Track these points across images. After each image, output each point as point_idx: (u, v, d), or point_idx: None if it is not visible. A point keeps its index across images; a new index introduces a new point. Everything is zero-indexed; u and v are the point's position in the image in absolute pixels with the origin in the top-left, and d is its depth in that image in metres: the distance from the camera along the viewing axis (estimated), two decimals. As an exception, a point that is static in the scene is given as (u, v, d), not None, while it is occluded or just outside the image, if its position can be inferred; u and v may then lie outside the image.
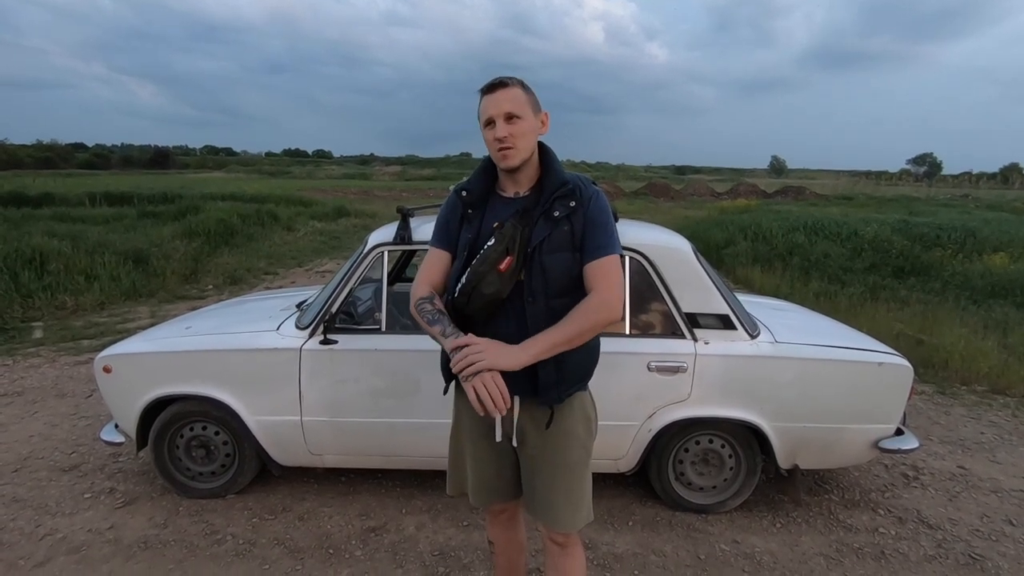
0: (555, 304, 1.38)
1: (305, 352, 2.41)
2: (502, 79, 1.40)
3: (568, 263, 1.39)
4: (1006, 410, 3.83)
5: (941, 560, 2.31)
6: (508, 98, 1.38)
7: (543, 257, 1.38)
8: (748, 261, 8.42)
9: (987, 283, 6.78)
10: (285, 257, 9.50)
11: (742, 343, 2.37)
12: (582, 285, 1.40)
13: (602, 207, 1.43)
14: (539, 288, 1.38)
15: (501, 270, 1.35)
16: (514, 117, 1.37)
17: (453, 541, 2.38)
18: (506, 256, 1.36)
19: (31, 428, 3.32)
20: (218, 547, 2.32)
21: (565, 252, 1.39)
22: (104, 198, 13.30)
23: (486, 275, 1.35)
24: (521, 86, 1.41)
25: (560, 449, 1.46)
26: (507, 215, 1.42)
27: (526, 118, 1.38)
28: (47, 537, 2.36)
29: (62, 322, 5.48)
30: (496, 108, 1.37)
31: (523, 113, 1.38)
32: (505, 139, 1.37)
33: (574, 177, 1.44)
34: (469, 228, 1.46)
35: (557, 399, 1.42)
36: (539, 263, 1.38)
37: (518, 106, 1.38)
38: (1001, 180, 50.52)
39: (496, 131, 1.37)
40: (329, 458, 2.56)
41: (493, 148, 1.41)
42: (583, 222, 1.40)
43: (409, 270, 3.54)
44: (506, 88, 1.39)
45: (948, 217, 12.73)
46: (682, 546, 2.36)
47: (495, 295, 1.36)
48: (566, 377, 1.41)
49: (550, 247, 1.38)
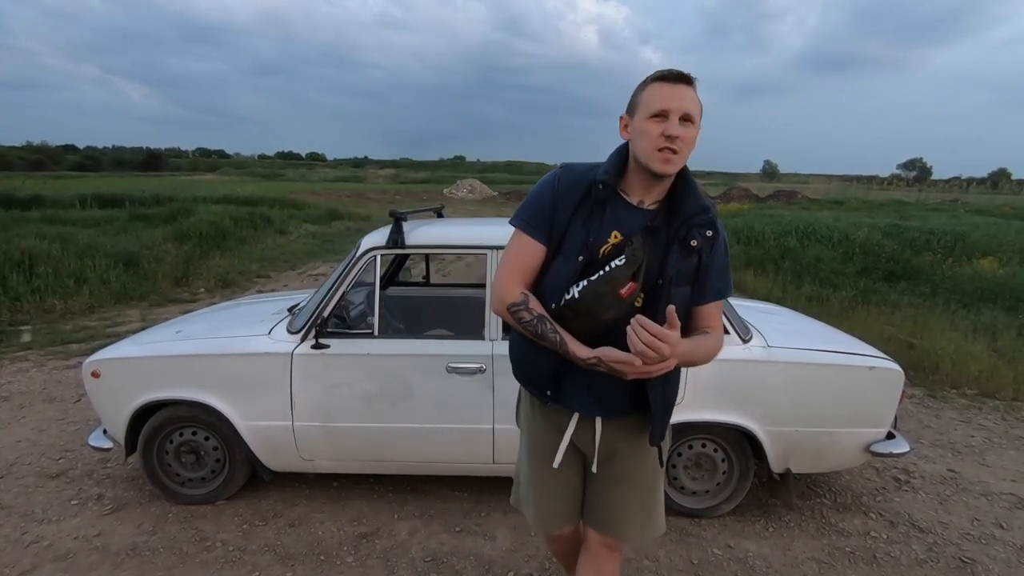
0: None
1: (297, 356, 2.39)
2: (686, 73, 1.20)
3: (687, 297, 1.28)
4: (996, 413, 3.87)
5: (932, 563, 2.32)
6: (691, 97, 1.19)
7: (672, 289, 1.24)
8: (741, 265, 8.46)
9: (977, 287, 6.85)
10: (277, 260, 9.45)
11: (734, 347, 2.38)
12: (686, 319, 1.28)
13: (726, 245, 1.32)
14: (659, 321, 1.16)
15: (622, 295, 1.20)
16: (689, 120, 1.19)
17: (446, 547, 2.37)
18: (631, 281, 1.21)
19: (18, 433, 3.28)
20: (208, 554, 2.30)
21: (687, 286, 1.27)
22: (95, 200, 13.17)
23: (606, 297, 1.19)
24: (694, 87, 1.22)
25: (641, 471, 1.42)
26: (631, 226, 1.25)
27: (696, 125, 1.22)
28: (33, 544, 2.33)
29: (51, 326, 5.42)
30: (677, 102, 1.18)
31: (697, 120, 1.21)
32: (675, 140, 1.18)
33: (713, 204, 1.29)
34: (587, 227, 1.25)
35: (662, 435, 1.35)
36: (667, 295, 1.23)
37: (696, 110, 1.20)
38: (990, 185, 51.10)
39: (669, 127, 1.17)
40: (321, 463, 2.54)
41: (654, 144, 1.19)
42: (711, 257, 1.27)
43: (402, 274, 3.53)
44: (690, 86, 1.20)
45: (938, 221, 12.84)
46: (675, 551, 2.36)
47: (611, 322, 1.20)
48: (669, 404, 1.33)
49: (679, 279, 1.25)
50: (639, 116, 1.22)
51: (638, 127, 1.22)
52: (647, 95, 1.21)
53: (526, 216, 1.31)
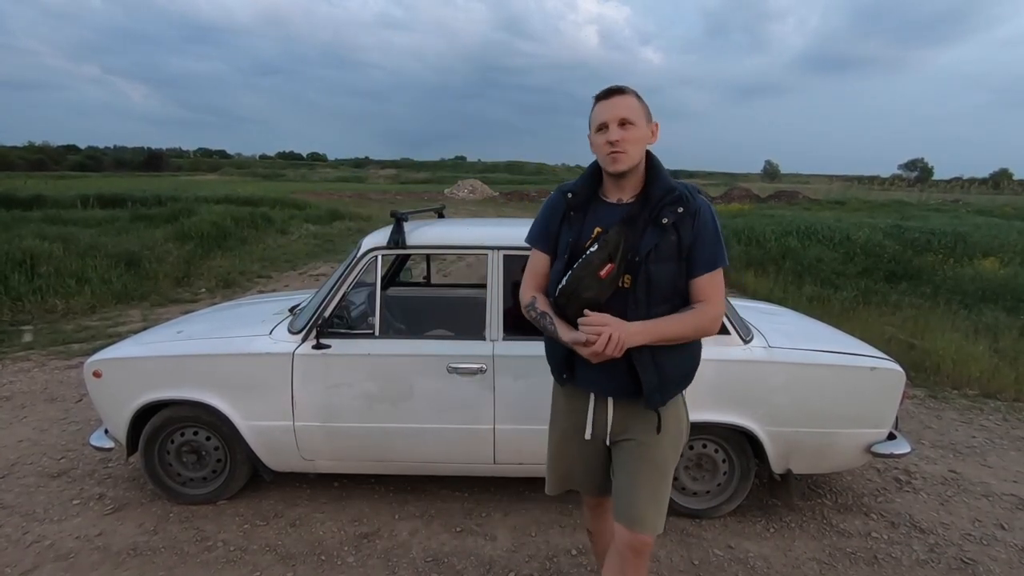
0: (656, 312, 1.41)
1: (298, 357, 2.40)
2: (619, 86, 1.43)
3: (673, 273, 1.41)
4: (997, 414, 3.86)
5: (933, 564, 2.32)
6: (624, 104, 1.41)
7: (651, 266, 1.39)
8: (742, 265, 8.46)
9: (978, 287, 6.83)
10: (279, 260, 9.46)
11: (735, 347, 2.38)
12: (682, 293, 1.43)
13: (711, 217, 1.43)
14: (643, 296, 1.40)
15: (601, 276, 1.38)
16: (628, 123, 1.40)
17: (446, 547, 2.37)
18: (608, 263, 1.39)
19: (20, 433, 3.29)
20: (209, 554, 2.30)
21: (671, 263, 1.41)
22: (96, 200, 13.19)
23: (584, 279, 1.39)
24: (636, 95, 1.43)
25: (652, 448, 1.49)
26: (610, 221, 1.44)
27: (639, 125, 1.41)
28: (35, 544, 2.33)
29: (52, 325, 5.43)
30: (611, 113, 1.40)
31: (636, 120, 1.40)
32: (617, 143, 1.39)
33: (681, 185, 1.45)
34: (570, 230, 1.48)
35: (661, 402, 1.46)
36: (646, 272, 1.40)
37: (633, 113, 1.40)
38: (992, 185, 51.01)
39: (609, 135, 1.40)
40: (322, 463, 2.54)
41: (603, 152, 1.43)
42: (692, 233, 1.41)
43: (403, 274, 3.53)
44: (623, 95, 1.42)
45: (939, 222, 12.82)
46: (676, 551, 2.36)
47: (593, 300, 1.39)
48: (667, 380, 1.45)
49: (658, 256, 1.40)
50: (591, 132, 1.47)
51: (591, 141, 1.47)
52: (592, 114, 1.46)
53: (532, 233, 1.58)
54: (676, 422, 1.53)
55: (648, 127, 1.45)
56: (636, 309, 1.40)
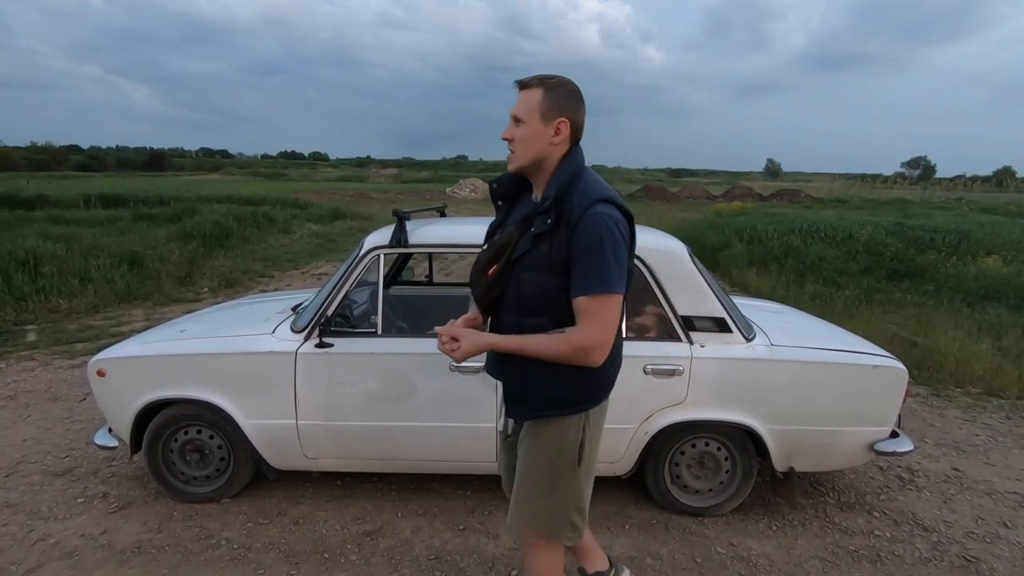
0: (527, 323, 1.34)
1: (301, 355, 2.40)
2: (524, 80, 1.36)
3: (543, 284, 1.32)
4: (1000, 412, 3.85)
5: (936, 562, 2.31)
6: (521, 100, 1.36)
7: (520, 273, 1.35)
8: (744, 264, 8.44)
9: (981, 286, 6.81)
10: (281, 260, 9.48)
11: (738, 346, 2.38)
12: (562, 307, 1.31)
13: (592, 233, 1.25)
14: (512, 302, 1.37)
15: (488, 275, 1.38)
16: (518, 121, 1.35)
17: (449, 545, 2.37)
18: (494, 263, 1.36)
19: (24, 432, 3.30)
20: (212, 552, 2.31)
21: (542, 272, 1.32)
22: (99, 200, 13.24)
23: (474, 276, 1.40)
24: (543, 88, 1.33)
25: (526, 456, 1.47)
26: (517, 219, 1.41)
27: (530, 123, 1.33)
28: (40, 542, 2.34)
29: (56, 325, 5.45)
30: (513, 108, 1.37)
31: (527, 118, 1.34)
32: (507, 141, 1.37)
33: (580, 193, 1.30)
34: (496, 220, 1.51)
35: (524, 416, 1.44)
36: (516, 279, 1.35)
37: (523, 110, 1.34)
38: (995, 183, 50.81)
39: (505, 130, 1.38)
40: (325, 462, 2.55)
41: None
42: (566, 246, 1.29)
43: (405, 273, 3.54)
44: (525, 89, 1.36)
45: (942, 220, 12.78)
46: (678, 549, 2.36)
47: (480, 297, 1.42)
48: (532, 398, 1.40)
49: (527, 264, 1.33)
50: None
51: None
52: None
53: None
54: (555, 441, 1.41)
55: (550, 125, 1.32)
56: (508, 315, 1.37)
